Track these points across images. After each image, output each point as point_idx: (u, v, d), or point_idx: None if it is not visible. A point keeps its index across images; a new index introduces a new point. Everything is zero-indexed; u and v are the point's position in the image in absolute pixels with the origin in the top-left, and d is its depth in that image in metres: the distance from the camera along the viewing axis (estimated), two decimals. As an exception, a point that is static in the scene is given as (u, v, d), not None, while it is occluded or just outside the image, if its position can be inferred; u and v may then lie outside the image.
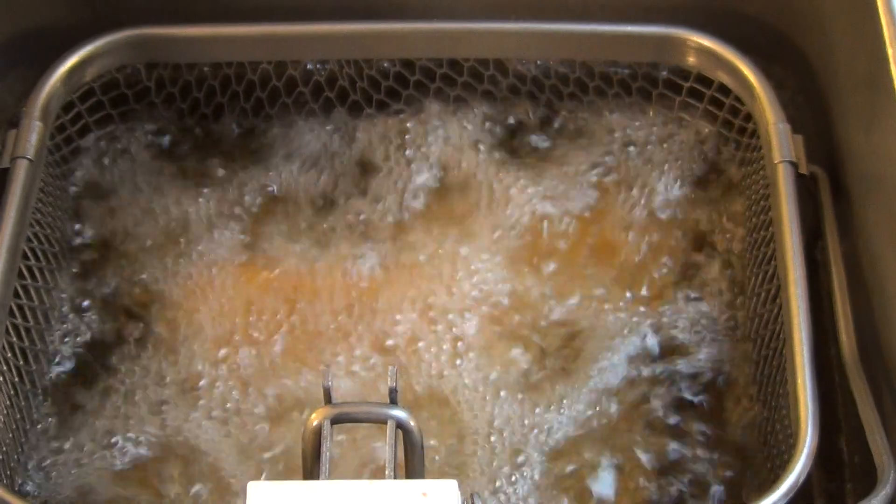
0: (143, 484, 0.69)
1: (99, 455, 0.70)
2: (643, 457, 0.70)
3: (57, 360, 0.74)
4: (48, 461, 0.71)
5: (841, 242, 0.70)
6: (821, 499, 0.67)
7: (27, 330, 0.71)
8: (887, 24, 0.64)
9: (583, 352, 0.74)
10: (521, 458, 0.70)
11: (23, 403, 0.70)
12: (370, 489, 0.49)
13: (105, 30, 0.78)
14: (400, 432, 0.55)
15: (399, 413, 0.55)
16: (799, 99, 0.76)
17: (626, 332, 0.75)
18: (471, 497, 0.50)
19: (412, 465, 0.56)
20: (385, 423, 0.55)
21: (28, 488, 0.69)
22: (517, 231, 0.78)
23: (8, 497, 0.60)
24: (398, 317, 0.75)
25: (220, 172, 0.81)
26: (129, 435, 0.71)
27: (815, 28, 0.75)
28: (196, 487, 0.69)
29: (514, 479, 0.69)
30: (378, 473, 0.65)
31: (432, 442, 0.69)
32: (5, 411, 0.68)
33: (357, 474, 0.67)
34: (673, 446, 0.70)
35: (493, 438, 0.70)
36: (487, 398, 0.72)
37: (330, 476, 0.53)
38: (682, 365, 0.73)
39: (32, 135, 0.74)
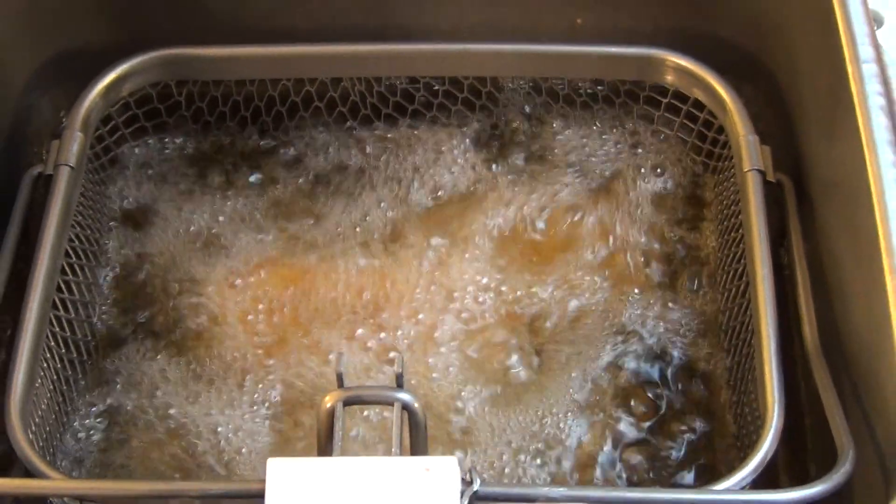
0: (180, 453, 0.70)
1: (131, 431, 0.71)
2: (621, 434, 0.70)
3: (95, 347, 0.74)
4: (86, 439, 0.71)
5: (804, 243, 0.70)
6: (785, 475, 0.67)
7: (69, 322, 0.71)
8: (847, 45, 0.64)
9: (566, 341, 0.74)
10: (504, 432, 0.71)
11: (64, 388, 0.70)
12: (378, 465, 0.49)
13: (140, 50, 0.78)
14: (406, 413, 0.55)
15: (404, 396, 0.55)
16: (767, 113, 0.76)
17: (606, 323, 0.75)
18: (469, 472, 0.50)
19: (416, 442, 0.56)
20: (392, 405, 0.55)
21: (66, 464, 0.70)
22: (508, 229, 0.79)
23: (50, 472, 0.60)
24: (404, 307, 0.75)
25: (243, 179, 0.81)
26: (157, 412, 0.72)
27: (782, 49, 0.75)
28: (223, 464, 0.70)
29: (506, 445, 0.70)
30: (388, 452, 0.65)
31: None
32: (48, 395, 0.68)
33: (370, 452, 0.68)
34: (649, 425, 0.71)
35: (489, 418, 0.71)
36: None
37: (342, 453, 0.54)
38: (657, 352, 0.74)
39: (74, 144, 0.74)
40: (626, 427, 0.71)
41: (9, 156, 0.75)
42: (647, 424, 0.71)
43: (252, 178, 0.82)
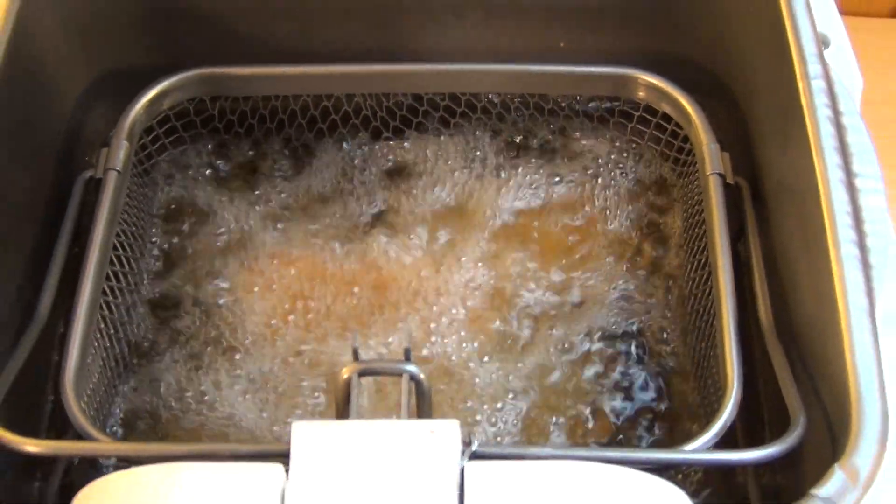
0: (214, 419, 0.70)
1: (170, 401, 0.71)
2: (597, 402, 0.70)
3: (139, 327, 0.74)
4: (131, 408, 0.71)
5: (759, 237, 0.70)
6: (744, 440, 0.67)
7: (116, 305, 0.71)
8: (798, 64, 0.63)
9: (544, 329, 0.74)
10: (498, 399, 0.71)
11: (112, 364, 0.70)
12: (389, 427, 0.49)
13: (178, 69, 0.78)
14: (413, 383, 0.55)
15: (412, 368, 0.55)
16: (727, 124, 0.76)
17: (588, 303, 0.75)
18: (468, 437, 0.50)
19: (422, 408, 0.56)
20: (401, 375, 0.55)
21: (113, 430, 0.70)
22: (499, 228, 0.78)
23: (98, 435, 0.60)
24: (410, 293, 0.75)
25: (269, 182, 0.81)
26: (192, 384, 0.72)
27: (741, 69, 0.75)
28: (252, 428, 0.70)
29: (499, 411, 0.70)
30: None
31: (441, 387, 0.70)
32: (99, 370, 0.68)
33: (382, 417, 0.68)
34: (622, 396, 0.71)
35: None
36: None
37: (357, 417, 0.54)
38: (631, 331, 0.73)
39: (120, 152, 0.74)
40: (602, 397, 0.71)
41: (64, 162, 0.75)
42: (620, 395, 0.71)
43: (275, 181, 0.81)
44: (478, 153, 0.82)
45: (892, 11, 1.06)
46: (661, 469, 0.50)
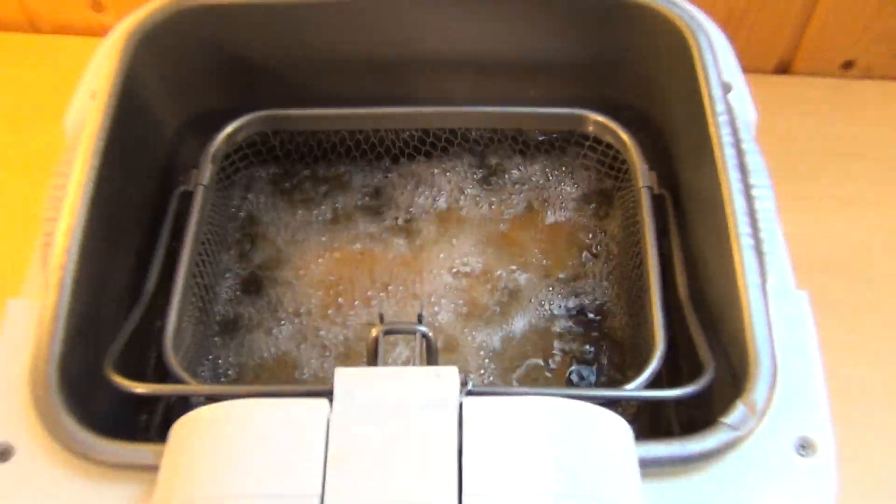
0: (277, 368, 0.70)
1: (246, 355, 0.71)
2: (556, 356, 0.70)
3: (220, 301, 0.74)
4: (216, 361, 0.71)
5: (678, 234, 0.70)
6: (668, 383, 0.67)
7: (203, 286, 0.71)
8: (708, 105, 0.63)
9: (520, 302, 0.73)
10: (484, 354, 0.70)
11: (201, 328, 0.70)
12: (407, 371, 0.48)
13: (248, 111, 0.78)
14: (424, 339, 0.55)
15: (423, 328, 0.55)
16: (654, 150, 0.75)
17: (548, 286, 0.74)
18: (464, 379, 0.49)
19: (430, 358, 0.56)
20: (415, 334, 0.55)
21: (203, 376, 0.70)
22: (486, 228, 0.78)
23: (189, 379, 0.60)
24: (421, 276, 0.75)
25: (315, 195, 0.81)
26: (263, 341, 0.71)
27: (665, 109, 0.75)
28: (305, 374, 0.70)
29: (485, 362, 0.70)
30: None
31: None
32: (191, 333, 0.68)
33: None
34: (578, 351, 0.71)
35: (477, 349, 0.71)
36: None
37: (383, 365, 0.54)
38: (582, 304, 0.73)
39: (206, 172, 0.73)
40: (560, 354, 0.70)
41: (164, 180, 0.75)
42: (576, 350, 0.71)
43: (319, 195, 0.81)
44: (469, 172, 0.82)
45: (774, 69, 1.06)
46: (607, 403, 0.50)
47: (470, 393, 0.48)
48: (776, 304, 0.55)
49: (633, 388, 0.59)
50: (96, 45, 0.69)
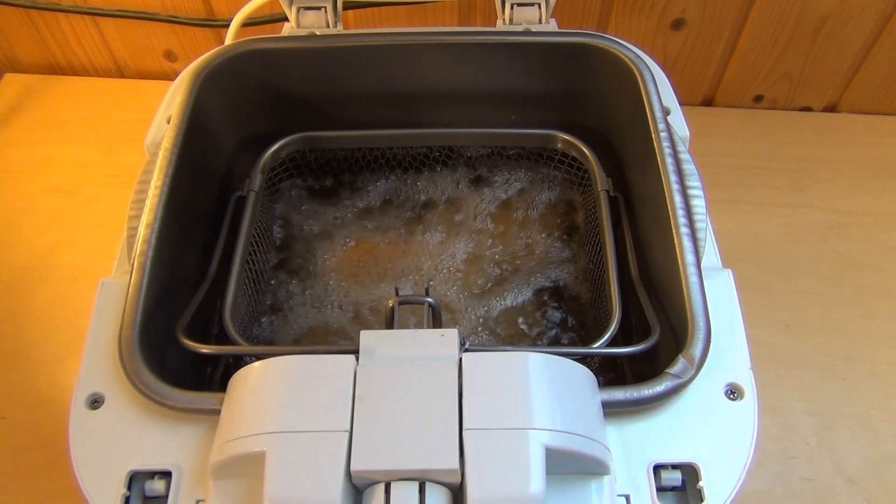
0: (313, 334, 0.68)
1: (289, 323, 0.69)
2: (534, 323, 0.69)
3: (267, 281, 0.72)
4: (264, 328, 0.69)
5: (630, 227, 0.69)
6: (622, 344, 0.65)
7: (254, 270, 0.69)
8: (652, 125, 0.62)
9: (506, 281, 0.72)
10: (477, 320, 0.69)
11: (253, 303, 0.68)
12: (417, 334, 0.47)
13: (289, 133, 0.76)
14: (430, 308, 0.54)
15: (430, 299, 0.54)
16: (610, 162, 0.74)
17: (528, 268, 0.73)
18: (463, 339, 0.48)
19: (436, 324, 0.55)
20: (423, 304, 0.54)
21: (255, 340, 0.68)
22: (477, 223, 0.76)
23: (242, 342, 0.59)
24: (427, 260, 0.73)
25: (344, 199, 0.79)
26: (301, 309, 0.70)
27: (618, 129, 0.73)
28: (335, 338, 0.68)
29: (478, 328, 0.68)
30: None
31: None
32: (245, 307, 0.66)
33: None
34: (552, 319, 0.69)
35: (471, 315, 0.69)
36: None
37: (398, 328, 0.53)
38: (554, 283, 0.71)
39: (256, 181, 0.72)
40: (540, 320, 0.69)
41: (223, 187, 0.73)
42: (550, 317, 0.69)
43: (346, 199, 0.79)
44: (462, 180, 0.80)
45: (701, 102, 1.07)
46: (577, 358, 0.49)
47: (467, 350, 0.47)
48: (708, 279, 0.54)
49: (597, 347, 0.57)
50: (170, 86, 0.69)
